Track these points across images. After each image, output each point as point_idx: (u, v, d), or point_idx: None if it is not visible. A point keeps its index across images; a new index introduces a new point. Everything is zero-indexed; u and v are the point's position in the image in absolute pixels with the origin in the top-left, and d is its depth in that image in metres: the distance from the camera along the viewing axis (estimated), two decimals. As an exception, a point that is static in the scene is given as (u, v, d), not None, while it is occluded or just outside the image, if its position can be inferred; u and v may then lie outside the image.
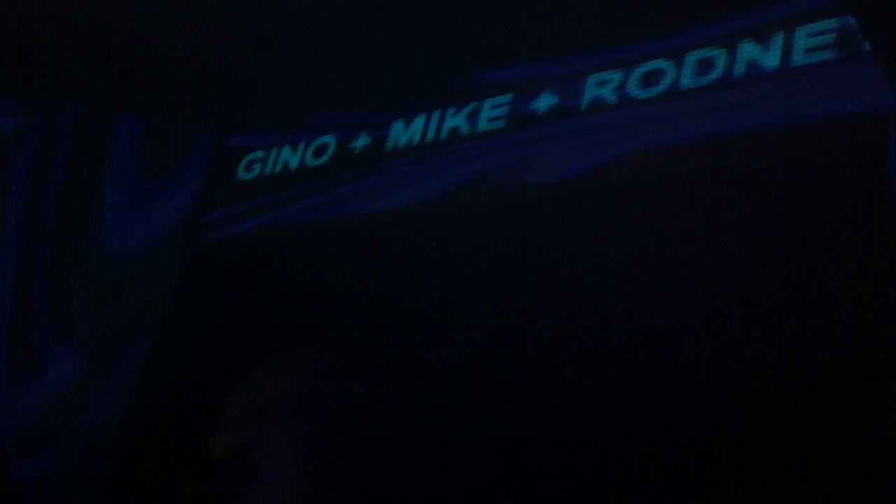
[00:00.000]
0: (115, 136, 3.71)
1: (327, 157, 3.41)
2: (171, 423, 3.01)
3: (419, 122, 3.19)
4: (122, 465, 3.14)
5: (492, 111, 3.00)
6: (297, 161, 3.49)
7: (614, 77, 2.75)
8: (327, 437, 1.20)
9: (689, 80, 2.57)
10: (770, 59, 2.42)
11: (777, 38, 2.44)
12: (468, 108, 3.07)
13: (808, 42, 2.38)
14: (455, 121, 3.08)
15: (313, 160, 3.44)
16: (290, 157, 3.53)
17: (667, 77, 2.63)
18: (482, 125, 2.99)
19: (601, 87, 2.76)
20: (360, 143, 3.33)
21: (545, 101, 2.86)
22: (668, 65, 2.65)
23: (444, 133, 3.09)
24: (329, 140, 3.45)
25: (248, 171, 3.64)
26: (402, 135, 3.21)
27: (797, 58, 2.37)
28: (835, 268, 2.04)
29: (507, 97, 2.98)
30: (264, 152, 3.64)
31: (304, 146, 3.51)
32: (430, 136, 3.12)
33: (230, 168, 3.69)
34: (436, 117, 3.15)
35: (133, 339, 3.37)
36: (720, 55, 2.54)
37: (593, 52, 2.84)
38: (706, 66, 2.56)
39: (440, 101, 3.18)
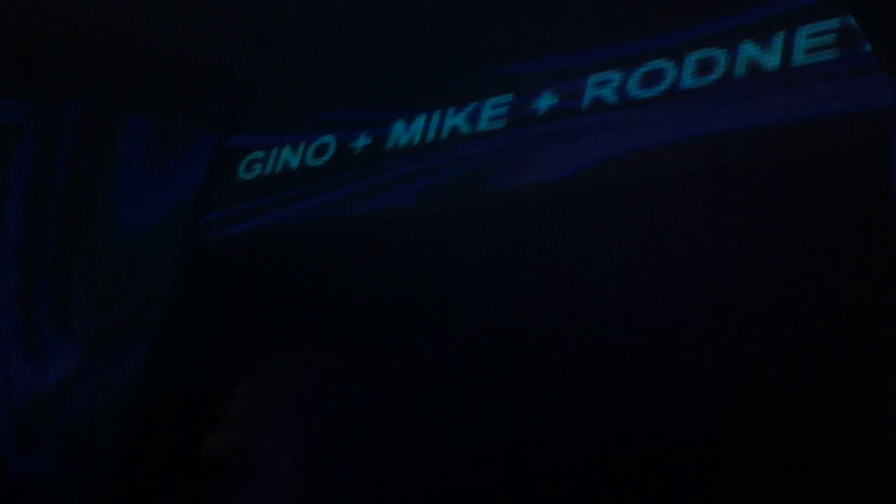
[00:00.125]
0: (116, 136, 3.71)
1: (328, 157, 3.41)
2: (171, 423, 3.01)
3: (419, 121, 3.19)
4: (122, 465, 3.14)
5: (492, 111, 3.00)
6: (298, 161, 3.49)
7: (614, 77, 2.75)
8: (327, 437, 1.20)
9: (690, 80, 2.57)
10: (771, 59, 2.43)
11: (778, 38, 2.44)
12: (468, 108, 3.07)
13: (808, 42, 2.38)
14: (455, 120, 3.08)
15: (314, 160, 3.44)
16: (290, 157, 3.53)
17: (667, 77, 2.63)
18: (482, 125, 2.99)
19: (601, 86, 2.76)
20: (360, 142, 3.33)
21: (545, 101, 2.86)
22: (668, 65, 2.65)
23: (444, 133, 3.09)
24: (329, 140, 3.45)
25: (249, 171, 3.64)
26: (402, 135, 3.21)
27: (798, 58, 2.37)
28: (835, 268, 2.04)
29: (508, 97, 2.98)
30: (265, 152, 3.64)
31: (304, 146, 3.51)
32: (430, 135, 3.12)
33: (231, 168, 3.69)
34: (436, 117, 3.15)
35: (133, 338, 3.37)
36: (721, 55, 2.54)
37: (593, 52, 2.84)
38: (706, 66, 2.56)
39: (440, 100, 3.18)
